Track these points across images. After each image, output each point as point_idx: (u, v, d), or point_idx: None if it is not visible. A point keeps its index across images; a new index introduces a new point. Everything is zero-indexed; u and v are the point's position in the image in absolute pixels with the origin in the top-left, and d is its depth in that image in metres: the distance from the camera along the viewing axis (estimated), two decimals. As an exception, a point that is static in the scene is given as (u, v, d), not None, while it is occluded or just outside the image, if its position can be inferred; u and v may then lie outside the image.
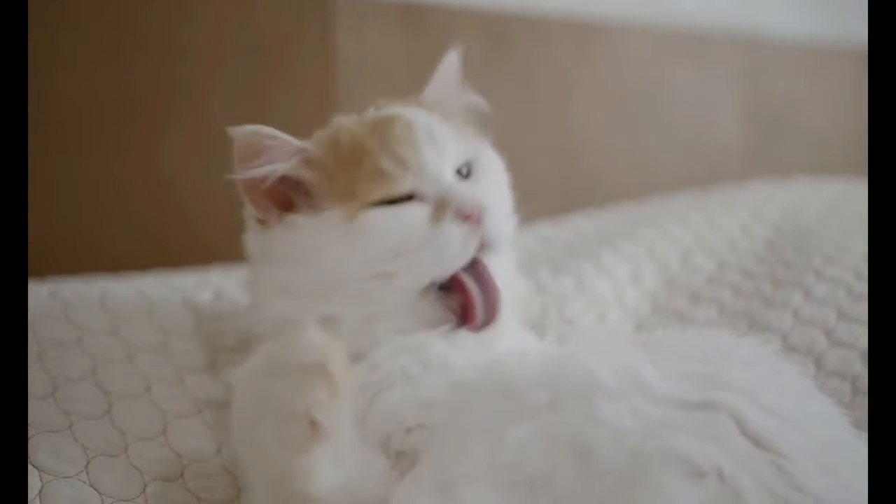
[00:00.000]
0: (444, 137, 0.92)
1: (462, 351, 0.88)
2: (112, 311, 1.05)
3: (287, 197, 0.91)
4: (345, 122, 0.94)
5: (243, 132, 0.89)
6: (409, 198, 0.90)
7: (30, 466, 0.87)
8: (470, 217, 0.88)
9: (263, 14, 1.49)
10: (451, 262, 0.89)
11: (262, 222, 0.92)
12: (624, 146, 1.78)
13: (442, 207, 0.89)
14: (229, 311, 1.10)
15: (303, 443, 0.73)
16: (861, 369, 1.03)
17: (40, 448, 0.88)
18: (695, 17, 1.84)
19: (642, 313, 1.19)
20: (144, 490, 0.89)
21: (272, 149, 0.89)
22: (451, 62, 0.99)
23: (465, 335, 0.90)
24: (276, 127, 1.48)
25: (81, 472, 0.88)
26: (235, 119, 1.45)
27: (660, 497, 0.70)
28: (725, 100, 1.89)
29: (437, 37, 1.59)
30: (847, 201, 1.39)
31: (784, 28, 1.94)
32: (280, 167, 0.90)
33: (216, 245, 1.38)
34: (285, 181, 0.91)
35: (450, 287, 0.90)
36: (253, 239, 0.94)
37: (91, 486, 0.87)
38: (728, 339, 0.87)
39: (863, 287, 1.13)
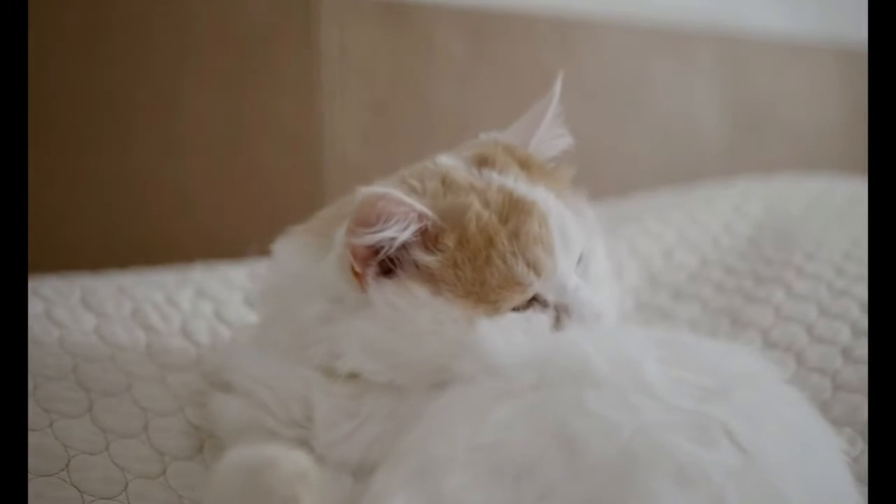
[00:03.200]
0: (574, 235, 0.88)
1: None
2: (93, 309, 1.05)
3: (391, 260, 0.84)
4: (472, 203, 0.85)
5: (372, 194, 0.81)
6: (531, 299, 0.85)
7: (11, 465, 0.86)
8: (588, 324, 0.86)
9: (247, 11, 1.49)
10: None
11: (357, 276, 0.84)
12: (606, 142, 1.79)
13: (563, 313, 0.85)
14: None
15: None
16: (841, 365, 1.03)
17: (21, 447, 0.88)
18: (677, 14, 1.84)
19: (625, 310, 1.19)
20: (126, 488, 0.88)
21: (396, 215, 0.82)
22: (552, 102, 0.93)
23: None
24: (259, 121, 1.50)
25: (62, 470, 0.87)
26: (219, 115, 1.46)
27: (650, 502, 0.68)
28: (708, 96, 1.89)
29: (420, 34, 1.59)
30: (829, 198, 1.40)
31: (766, 24, 1.95)
32: (401, 236, 0.83)
33: (212, 243, 1.38)
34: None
35: None
36: (335, 275, 0.86)
37: (72, 484, 0.87)
38: (752, 362, 0.82)
39: (843, 283, 1.14)
